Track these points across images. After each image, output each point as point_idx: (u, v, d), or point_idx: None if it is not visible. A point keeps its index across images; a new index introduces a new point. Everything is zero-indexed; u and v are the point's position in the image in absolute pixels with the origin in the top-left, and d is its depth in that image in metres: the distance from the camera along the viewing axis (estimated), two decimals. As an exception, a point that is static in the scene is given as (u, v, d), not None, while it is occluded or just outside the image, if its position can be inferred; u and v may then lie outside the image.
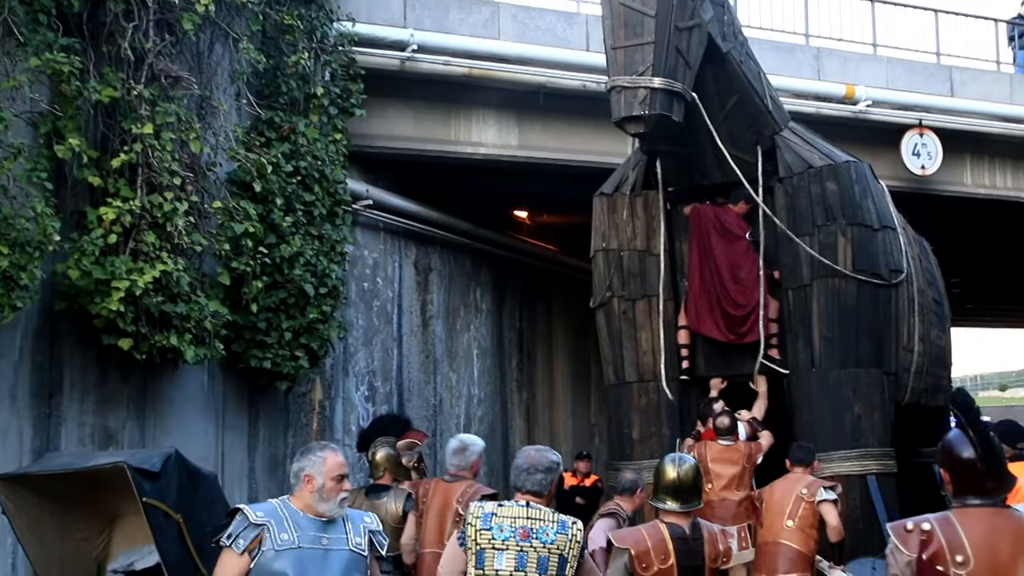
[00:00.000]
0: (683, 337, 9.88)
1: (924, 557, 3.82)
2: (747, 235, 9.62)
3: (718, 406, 9.24)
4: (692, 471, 5.28)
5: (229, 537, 4.55)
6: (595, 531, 6.76)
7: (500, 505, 4.96)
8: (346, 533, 4.70)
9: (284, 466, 10.29)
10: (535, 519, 4.88)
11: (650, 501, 5.51)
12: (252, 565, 4.51)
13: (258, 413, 10.01)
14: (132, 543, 7.10)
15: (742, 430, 9.17)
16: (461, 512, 6.68)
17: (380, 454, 8.49)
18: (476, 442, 7.68)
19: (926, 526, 3.87)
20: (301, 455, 4.77)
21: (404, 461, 8.84)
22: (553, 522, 4.87)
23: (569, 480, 13.31)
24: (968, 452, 3.97)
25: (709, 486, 8.76)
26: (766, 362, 9.48)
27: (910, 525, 3.92)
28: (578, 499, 13.07)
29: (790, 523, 7.84)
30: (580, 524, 4.95)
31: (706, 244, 9.61)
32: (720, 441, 8.88)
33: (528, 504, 4.93)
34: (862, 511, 9.02)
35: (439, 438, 13.21)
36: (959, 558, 3.79)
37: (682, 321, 9.89)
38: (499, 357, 14.95)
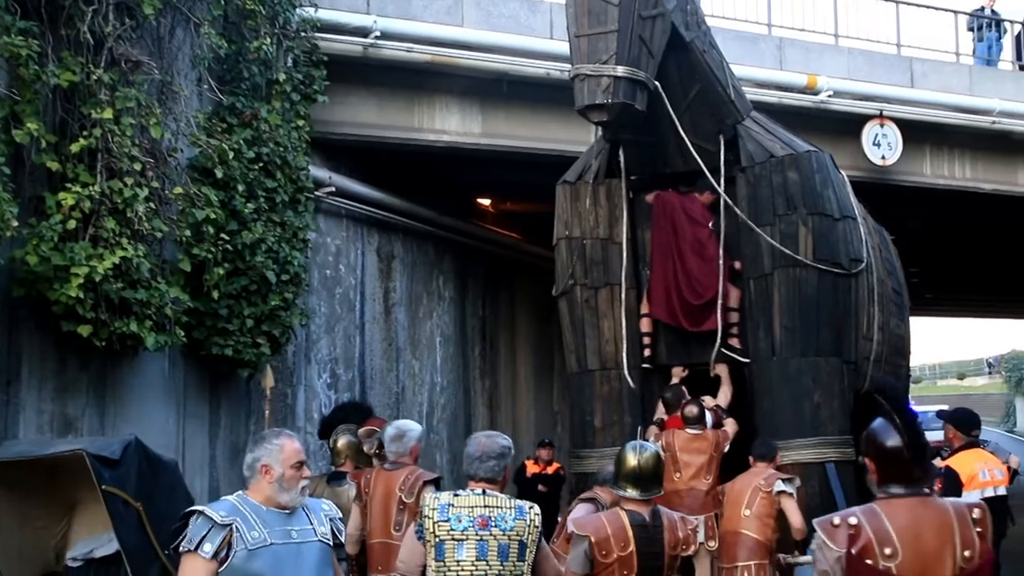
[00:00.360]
0: (645, 325, 9.92)
1: (853, 552, 3.74)
2: (710, 224, 9.66)
3: (690, 400, 9.27)
4: (653, 459, 5.30)
5: (191, 541, 4.19)
6: (575, 513, 6.74)
7: (456, 495, 4.93)
8: (311, 524, 4.43)
9: (245, 454, 10.25)
10: (492, 507, 4.87)
11: (610, 488, 5.53)
12: (221, 570, 4.18)
13: (219, 401, 9.96)
14: (91, 531, 7.07)
15: (709, 419, 9.24)
16: (405, 500, 6.69)
17: (341, 441, 8.49)
18: (413, 427, 7.58)
19: (853, 520, 3.79)
20: (255, 444, 4.51)
21: (365, 448, 8.83)
22: (511, 508, 4.88)
23: (531, 468, 13.34)
24: (894, 441, 3.90)
25: (677, 475, 8.82)
26: (726, 351, 9.54)
27: (837, 519, 3.82)
28: (540, 487, 13.12)
29: (747, 512, 7.97)
30: (537, 509, 4.95)
31: (669, 232, 9.65)
32: (688, 430, 8.95)
33: (484, 492, 4.91)
34: (821, 499, 9.09)
35: (401, 426, 13.19)
36: (887, 550, 3.73)
37: (644, 309, 9.92)
38: (462, 345, 14.95)
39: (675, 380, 9.79)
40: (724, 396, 9.61)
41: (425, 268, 14.07)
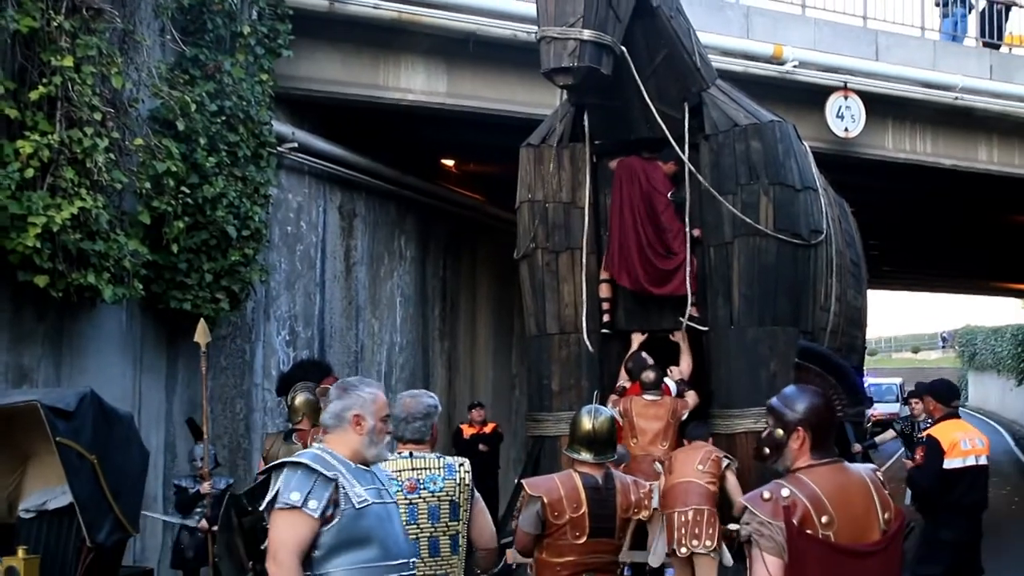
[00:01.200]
0: (605, 291, 9.95)
1: (795, 523, 3.70)
2: (669, 194, 9.66)
3: (649, 366, 9.33)
4: (607, 423, 5.35)
5: (291, 497, 3.81)
6: None
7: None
8: (383, 484, 4.11)
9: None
10: (421, 469, 4.83)
11: (565, 451, 5.57)
12: (326, 529, 3.82)
13: (177, 355, 9.92)
14: (45, 483, 7.05)
15: (673, 388, 9.32)
16: None
17: (299, 399, 8.51)
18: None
19: (785, 492, 3.76)
20: (343, 393, 4.10)
21: (322, 406, 8.84)
22: (439, 468, 4.84)
23: (468, 430, 13.34)
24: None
25: (634, 440, 8.91)
26: (684, 320, 9.58)
27: (767, 494, 3.79)
28: (481, 446, 13.20)
29: (700, 467, 8.16)
30: (468, 465, 4.93)
31: (630, 197, 9.65)
32: (645, 396, 9.02)
33: (411, 455, 4.87)
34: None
35: (360, 385, 13.18)
36: (824, 519, 3.73)
37: (604, 275, 9.95)
38: (422, 305, 14.95)
39: (635, 346, 9.84)
40: (685, 364, 9.67)
41: (387, 227, 14.02)
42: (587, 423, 5.32)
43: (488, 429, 13.49)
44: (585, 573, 5.16)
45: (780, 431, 3.96)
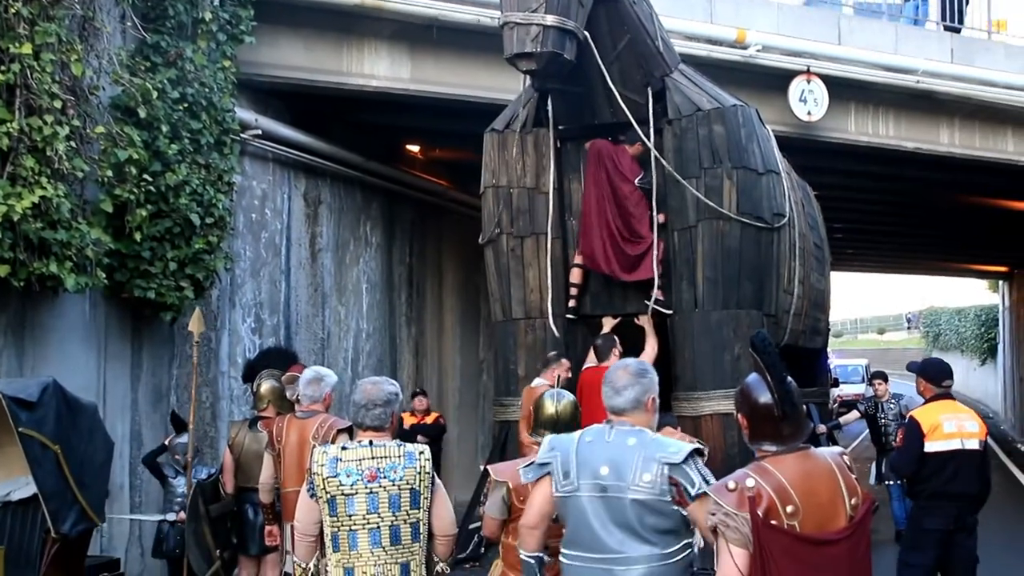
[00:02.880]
0: (576, 276, 9.97)
1: (760, 514, 3.70)
2: (636, 180, 9.70)
3: (617, 348, 9.39)
4: (570, 406, 5.39)
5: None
6: None
7: (344, 448, 4.87)
8: None
9: (168, 398, 10.19)
10: (381, 457, 4.84)
11: (530, 435, 5.59)
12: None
13: (142, 344, 9.88)
14: (9, 473, 7.01)
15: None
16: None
17: (264, 386, 8.49)
18: (330, 375, 7.65)
19: (750, 482, 3.76)
20: (638, 377, 4.53)
21: (288, 395, 8.82)
22: (400, 456, 4.85)
23: (408, 420, 13.17)
24: (765, 397, 3.91)
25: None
26: (649, 303, 9.63)
27: (732, 483, 3.78)
28: (420, 438, 13.00)
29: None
30: (428, 453, 4.94)
31: (598, 182, 9.68)
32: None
33: (371, 443, 4.87)
34: (739, 447, 9.26)
35: (326, 371, 13.17)
36: (789, 508, 3.73)
37: (577, 259, 9.96)
38: (388, 291, 14.93)
39: (606, 329, 9.87)
40: (650, 347, 9.71)
41: (352, 214, 14.00)
42: (550, 407, 5.35)
43: (430, 419, 13.18)
44: (551, 556, 5.18)
45: (737, 414, 4.05)
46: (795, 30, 14.23)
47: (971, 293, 53.00)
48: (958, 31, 16.55)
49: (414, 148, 16.27)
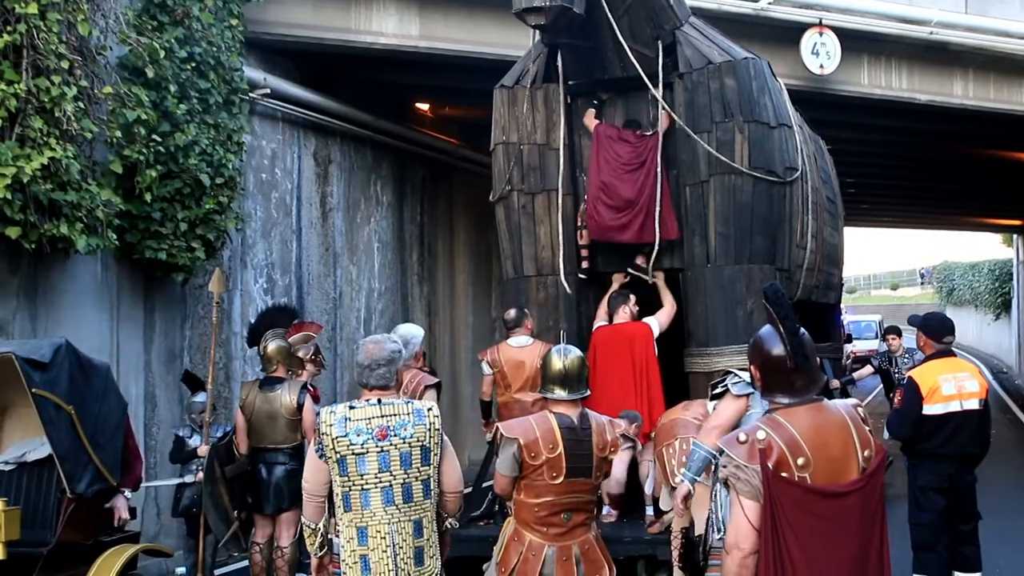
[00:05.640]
0: (584, 237, 9.90)
1: (771, 466, 3.70)
2: (642, 157, 9.55)
3: (631, 300, 9.39)
4: (577, 361, 5.38)
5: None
6: None
7: (352, 407, 4.84)
8: None
9: (181, 358, 10.22)
10: (390, 415, 4.81)
11: (539, 392, 5.58)
12: None
13: (154, 305, 9.90)
14: (24, 434, 7.05)
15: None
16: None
17: (271, 347, 8.48)
18: (416, 333, 7.86)
19: (761, 434, 3.75)
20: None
21: (301, 354, 8.85)
22: (409, 414, 4.83)
23: None
24: (778, 349, 3.90)
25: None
26: (637, 270, 9.61)
27: (743, 436, 3.79)
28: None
29: (686, 410, 8.04)
30: (436, 410, 4.94)
31: (606, 156, 9.56)
32: (510, 342, 9.15)
33: (379, 401, 4.85)
34: (753, 405, 9.26)
35: (339, 331, 13.21)
36: (800, 460, 3.72)
37: (580, 220, 9.90)
38: (400, 251, 14.93)
39: (615, 286, 9.83)
40: (668, 305, 9.63)
41: (363, 173, 13.96)
42: (558, 362, 5.34)
43: None
44: (563, 512, 5.19)
45: (751, 366, 4.05)
46: (807, -19, 14.09)
47: (985, 247, 52.83)
48: (973, -19, 16.35)
49: (424, 106, 16.20)
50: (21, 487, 6.83)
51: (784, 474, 3.72)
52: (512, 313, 9.28)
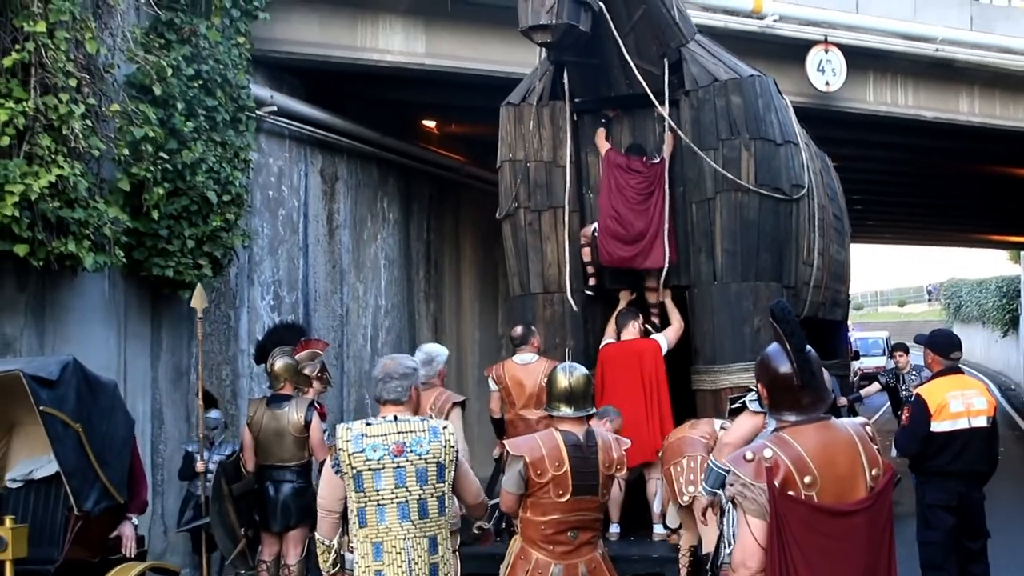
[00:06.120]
0: (587, 254, 9.90)
1: (777, 485, 3.68)
2: (649, 184, 9.54)
3: (639, 318, 9.39)
4: (583, 378, 5.38)
5: None
6: None
7: (368, 424, 4.88)
8: None
9: (188, 376, 10.22)
10: (406, 432, 4.85)
11: (544, 410, 5.59)
12: None
13: (161, 322, 9.90)
14: (31, 452, 7.04)
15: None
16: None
17: (279, 364, 8.49)
18: (441, 351, 7.93)
19: (768, 452, 3.74)
20: None
21: (308, 371, 8.86)
22: (424, 431, 4.87)
23: None
24: (785, 367, 3.88)
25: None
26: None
27: (749, 454, 3.78)
28: None
29: (693, 429, 8.05)
30: (452, 428, 4.99)
31: (618, 184, 9.55)
32: (515, 359, 9.16)
33: (396, 418, 4.89)
34: (760, 420, 9.23)
35: (346, 348, 13.21)
36: (807, 479, 3.71)
37: (584, 240, 9.90)
38: (406, 268, 14.93)
39: (623, 303, 9.83)
40: (675, 323, 9.63)
41: (369, 190, 13.98)
42: (563, 380, 5.35)
43: None
44: (569, 530, 5.18)
45: (757, 383, 4.02)
46: (812, -1, 14.12)
47: (992, 264, 52.72)
48: (978, -2, 16.38)
49: (430, 123, 16.24)
50: (28, 504, 6.83)
51: (791, 492, 3.70)
52: (519, 330, 9.28)
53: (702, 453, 7.69)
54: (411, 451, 4.81)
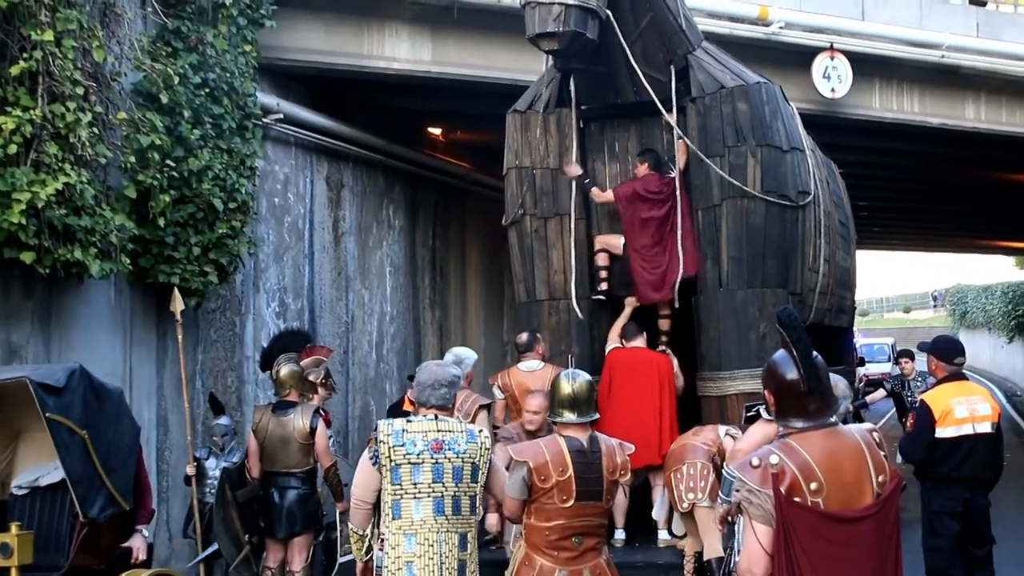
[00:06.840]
0: (602, 259, 9.91)
1: (783, 491, 3.69)
2: (666, 204, 9.56)
3: (642, 336, 9.41)
4: (586, 385, 5.44)
5: None
6: None
7: (409, 421, 5.08)
8: None
9: (194, 382, 10.23)
10: (446, 431, 5.06)
11: (549, 417, 5.64)
12: None
13: (167, 329, 9.90)
14: (37, 459, 7.05)
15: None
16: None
17: (284, 371, 8.50)
18: (469, 355, 8.09)
19: (774, 459, 3.75)
20: None
21: (312, 378, 8.86)
22: (462, 432, 5.09)
23: (408, 406, 13.10)
24: (792, 373, 3.88)
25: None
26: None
27: (756, 460, 3.79)
28: None
29: (696, 436, 8.07)
30: (487, 432, 5.20)
31: (633, 219, 9.57)
32: (521, 366, 9.15)
33: (436, 418, 5.10)
34: (765, 428, 9.23)
35: (351, 355, 13.22)
36: (813, 485, 3.71)
37: (599, 245, 9.91)
38: (412, 275, 14.94)
39: (628, 310, 9.83)
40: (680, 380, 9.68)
41: (375, 197, 14.00)
42: (567, 386, 5.41)
43: None
44: (574, 536, 5.19)
45: (764, 390, 4.04)
46: (818, 6, 14.14)
47: (998, 270, 52.56)
48: (983, 4, 16.42)
49: (436, 131, 16.25)
50: (34, 511, 6.84)
51: (797, 499, 3.70)
52: (524, 337, 9.28)
53: (702, 460, 7.72)
54: (449, 449, 5.03)
